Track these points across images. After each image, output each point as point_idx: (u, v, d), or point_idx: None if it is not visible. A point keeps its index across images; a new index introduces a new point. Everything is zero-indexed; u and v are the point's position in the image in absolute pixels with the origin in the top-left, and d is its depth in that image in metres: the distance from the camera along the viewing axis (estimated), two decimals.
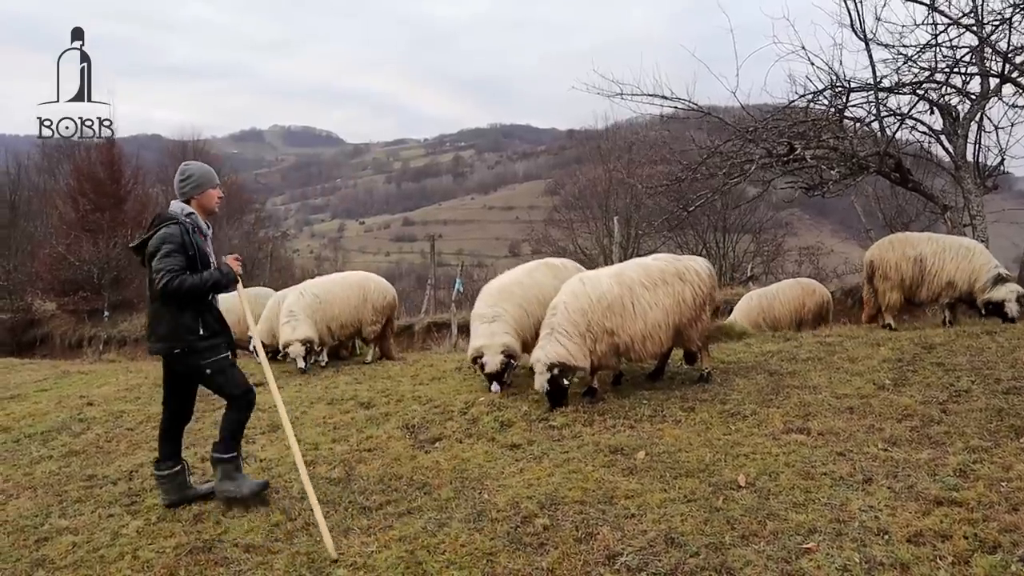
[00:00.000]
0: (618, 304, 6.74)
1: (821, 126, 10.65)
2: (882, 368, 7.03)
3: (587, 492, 4.81)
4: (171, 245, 5.13)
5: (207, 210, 5.47)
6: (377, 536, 4.55)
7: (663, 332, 6.86)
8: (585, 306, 6.70)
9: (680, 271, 7.07)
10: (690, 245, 24.58)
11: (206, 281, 5.16)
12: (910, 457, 4.91)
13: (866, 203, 21.74)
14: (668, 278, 6.97)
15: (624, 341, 6.73)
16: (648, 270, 7.01)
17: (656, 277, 6.94)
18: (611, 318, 6.69)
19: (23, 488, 6.21)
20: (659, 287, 6.90)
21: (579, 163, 42.72)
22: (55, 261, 24.71)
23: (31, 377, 12.53)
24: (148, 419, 7.96)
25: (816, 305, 11.84)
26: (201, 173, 5.47)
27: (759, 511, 4.31)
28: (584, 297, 6.75)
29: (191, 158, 36.57)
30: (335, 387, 8.53)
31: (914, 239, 9.63)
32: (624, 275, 6.95)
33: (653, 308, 6.80)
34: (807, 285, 12.27)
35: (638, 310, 6.76)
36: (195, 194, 5.40)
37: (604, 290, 6.77)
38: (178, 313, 5.18)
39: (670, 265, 7.11)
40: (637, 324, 6.73)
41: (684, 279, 7.03)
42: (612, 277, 6.93)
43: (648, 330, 6.77)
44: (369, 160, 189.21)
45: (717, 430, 5.80)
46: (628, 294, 6.78)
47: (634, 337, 6.74)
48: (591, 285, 6.86)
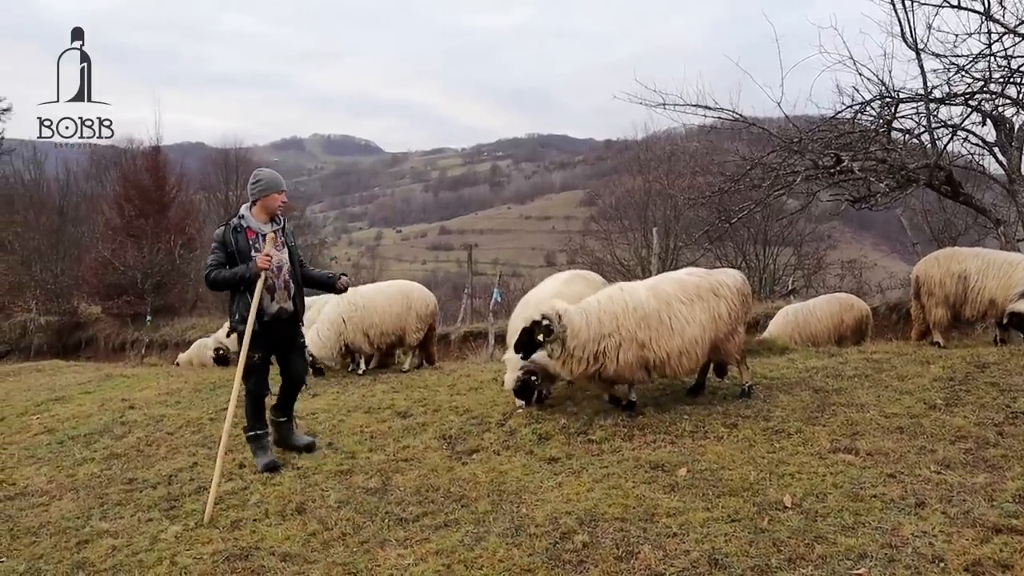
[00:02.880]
0: (654, 318, 6.59)
1: (869, 137, 10.43)
2: (933, 387, 6.81)
3: (627, 509, 4.71)
4: (215, 243, 6.17)
5: (270, 211, 6.25)
6: (414, 548, 4.50)
7: (700, 348, 6.71)
8: (619, 311, 6.57)
9: (715, 286, 6.91)
10: (729, 257, 24.28)
11: (234, 275, 6.03)
12: (965, 481, 4.73)
13: (912, 216, 21.31)
14: (704, 293, 6.82)
15: (659, 356, 6.57)
16: (684, 285, 6.87)
17: (692, 292, 6.79)
18: (644, 330, 6.55)
19: (66, 489, 6.30)
20: (695, 302, 6.75)
21: (616, 173, 42.59)
22: (101, 266, 25.16)
23: (75, 379, 12.74)
24: (188, 423, 8.01)
25: (855, 321, 11.54)
26: (268, 179, 6.27)
27: (806, 533, 4.18)
28: (620, 302, 6.63)
29: (233, 166, 37.67)
30: (372, 396, 8.51)
31: (960, 255, 9.35)
32: (660, 289, 6.81)
33: (690, 324, 6.65)
34: (845, 300, 11.97)
35: (675, 326, 6.61)
36: (260, 197, 6.20)
37: (641, 300, 6.64)
38: (230, 302, 6.26)
39: (705, 280, 6.95)
40: (674, 340, 6.58)
41: (719, 294, 6.88)
42: (649, 290, 6.79)
43: (685, 346, 6.61)
44: (407, 169, 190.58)
45: (761, 448, 5.65)
46: (665, 308, 6.64)
47: (671, 353, 6.58)
48: (629, 293, 6.74)
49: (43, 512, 5.79)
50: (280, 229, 6.31)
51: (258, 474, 6.07)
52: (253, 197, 6.22)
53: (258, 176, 6.33)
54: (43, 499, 6.11)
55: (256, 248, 6.10)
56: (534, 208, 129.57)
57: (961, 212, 18.49)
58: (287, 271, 6.31)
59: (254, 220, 6.20)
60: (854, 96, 10.46)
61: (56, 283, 27.46)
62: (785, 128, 11.07)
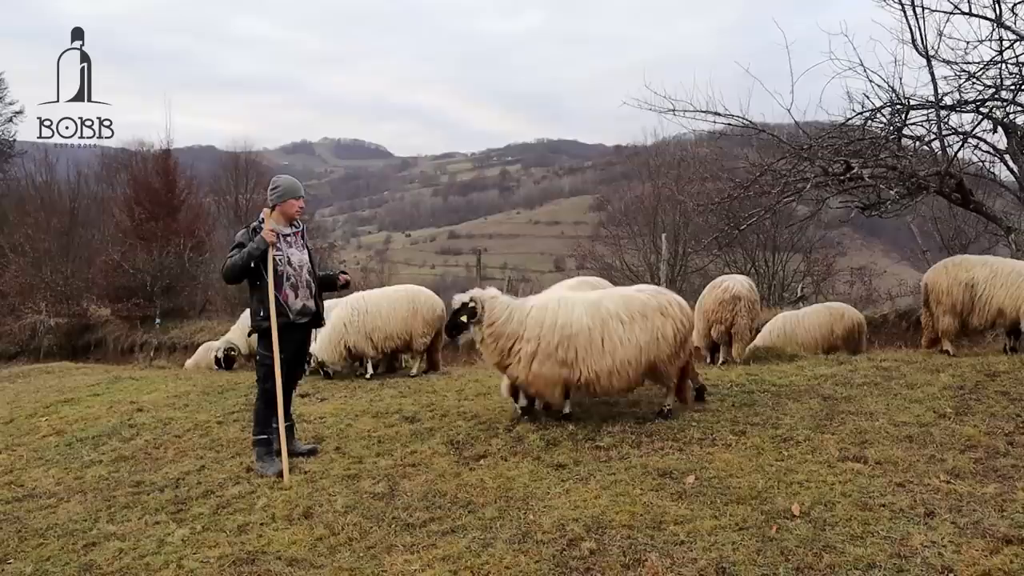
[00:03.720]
0: (583, 337, 6.49)
1: (879, 144, 10.38)
2: (942, 395, 6.77)
3: (635, 516, 4.69)
4: (233, 242, 6.39)
5: (288, 216, 6.46)
6: (420, 554, 4.49)
7: (633, 369, 6.56)
8: (547, 322, 6.55)
9: (663, 305, 6.72)
10: (739, 263, 24.21)
11: (244, 254, 6.19)
12: (975, 491, 4.70)
13: (923, 223, 21.22)
14: (649, 312, 6.64)
15: (586, 376, 6.49)
16: (628, 302, 6.71)
17: (636, 310, 6.64)
18: (567, 349, 6.46)
19: (74, 492, 6.32)
20: (636, 321, 6.58)
21: (626, 179, 42.55)
22: (110, 268, 25.24)
23: (84, 381, 12.78)
24: (195, 427, 8.02)
25: (845, 331, 11.45)
26: (286, 186, 6.48)
27: (814, 542, 4.16)
28: (551, 314, 6.59)
29: (244, 170, 37.78)
30: (380, 400, 8.51)
31: (968, 263, 9.31)
32: (601, 306, 6.68)
33: (624, 344, 6.50)
34: (836, 309, 11.88)
35: (607, 346, 6.48)
36: (278, 203, 6.41)
37: (572, 318, 6.55)
38: (251, 300, 6.41)
39: (653, 299, 6.77)
40: (604, 360, 6.47)
41: (666, 314, 6.68)
42: (588, 306, 6.68)
43: (616, 366, 6.49)
44: (417, 173, 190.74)
45: (769, 455, 5.62)
46: (599, 327, 6.51)
47: (600, 373, 6.48)
48: (565, 307, 6.65)
49: (51, 514, 5.81)
50: (300, 232, 6.58)
51: (265, 478, 6.07)
52: (272, 203, 6.42)
53: (276, 183, 6.53)
54: (51, 501, 6.13)
55: (278, 247, 6.31)
56: (543, 213, 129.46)
57: (972, 219, 18.41)
58: (307, 270, 6.50)
59: (275, 223, 6.38)
60: (864, 103, 10.42)
61: (66, 285, 27.51)
62: (795, 134, 11.02)
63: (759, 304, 10.53)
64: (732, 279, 10.40)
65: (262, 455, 6.31)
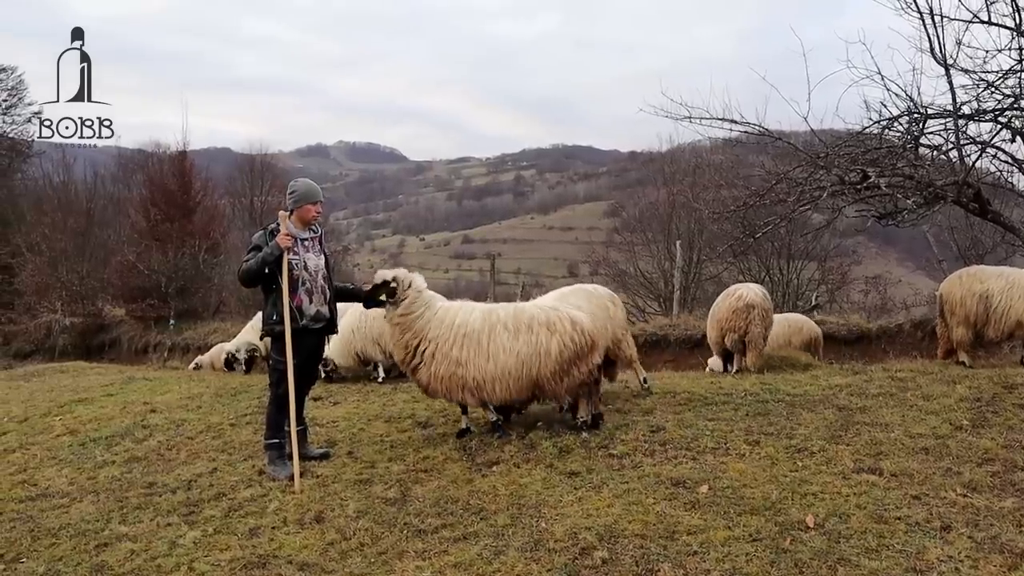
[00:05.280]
0: (473, 339, 6.52)
1: (896, 153, 10.30)
2: (959, 407, 6.71)
3: (648, 525, 4.67)
4: (250, 245, 6.40)
5: (305, 221, 6.46)
6: (432, 561, 4.48)
7: (514, 381, 6.50)
8: (447, 322, 6.59)
9: (551, 321, 6.62)
10: (753, 271, 24.09)
11: (258, 259, 6.19)
12: (992, 505, 4.65)
13: (939, 233, 21.05)
14: (535, 326, 6.57)
15: (476, 378, 6.49)
16: (517, 314, 6.70)
17: (522, 322, 6.60)
18: (460, 348, 6.50)
19: (86, 492, 6.35)
20: (521, 334, 6.54)
21: (640, 185, 42.41)
22: (126, 269, 25.36)
23: (98, 381, 12.85)
24: (208, 428, 8.05)
25: (803, 343, 11.63)
26: (303, 191, 6.48)
27: (829, 555, 4.13)
28: (452, 315, 6.65)
29: (259, 172, 37.91)
30: (393, 405, 8.51)
31: (983, 274, 9.24)
32: (493, 312, 6.75)
33: (506, 353, 6.47)
34: (795, 322, 11.96)
35: (491, 351, 6.48)
36: (295, 207, 6.43)
37: (468, 319, 6.61)
38: (264, 304, 6.41)
39: (542, 314, 6.70)
40: (488, 365, 6.47)
41: (553, 330, 6.57)
42: (485, 311, 6.76)
43: (498, 374, 6.47)
44: (431, 177, 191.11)
45: (783, 466, 5.59)
46: (487, 332, 6.54)
47: (486, 377, 6.48)
48: (466, 310, 6.73)
49: (63, 514, 5.84)
50: (318, 237, 6.58)
51: (277, 481, 6.08)
52: (290, 207, 6.45)
53: (294, 187, 6.54)
54: (64, 501, 6.16)
55: (295, 251, 6.32)
56: (557, 218, 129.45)
57: (989, 229, 18.23)
58: (323, 276, 6.50)
59: (292, 226, 6.39)
60: (882, 111, 10.34)
61: (82, 285, 27.70)
62: (811, 143, 10.96)
63: (772, 313, 10.49)
64: (745, 287, 10.38)
65: (274, 459, 6.32)
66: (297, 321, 6.27)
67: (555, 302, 7.43)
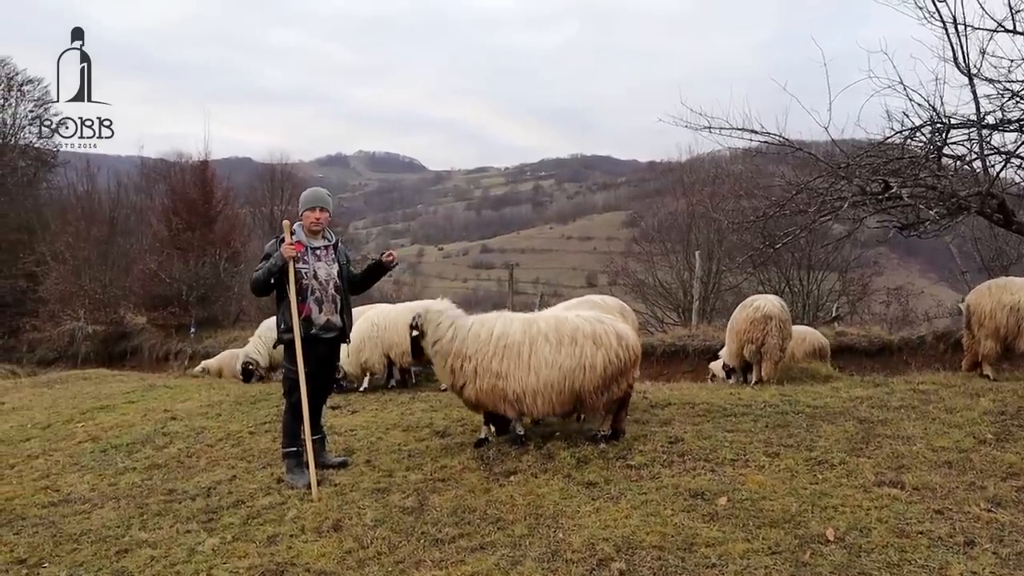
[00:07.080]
0: (514, 350, 6.42)
1: (919, 164, 10.22)
2: (983, 420, 6.63)
3: (666, 537, 4.64)
4: (263, 253, 6.44)
5: (305, 228, 6.54)
6: (449, 570, 4.48)
7: (556, 394, 6.40)
8: (484, 336, 6.54)
9: (597, 334, 6.50)
10: (773, 282, 23.94)
11: (266, 268, 6.27)
12: (1017, 520, 4.58)
13: (962, 244, 20.83)
14: (579, 338, 6.45)
15: (516, 391, 6.40)
16: (560, 325, 6.57)
17: (565, 334, 6.48)
18: (500, 360, 6.41)
19: (108, 498, 6.39)
20: (564, 346, 6.42)
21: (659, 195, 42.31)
22: (147, 277, 25.56)
23: (120, 388, 12.97)
24: (228, 436, 8.09)
25: (805, 354, 11.43)
26: (303, 197, 6.63)
27: (849, 569, 4.09)
28: (488, 329, 6.58)
29: (279, 181, 38.16)
30: (411, 414, 8.53)
31: (1013, 285, 9.13)
32: (535, 324, 6.61)
33: (548, 366, 6.36)
34: (798, 333, 11.81)
35: (533, 363, 6.38)
36: (301, 214, 6.55)
37: (508, 330, 6.54)
38: (277, 312, 6.49)
39: (588, 325, 6.57)
40: (529, 378, 6.37)
41: (599, 343, 6.45)
42: (525, 322, 6.65)
43: (540, 387, 6.37)
44: (450, 187, 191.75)
45: (803, 478, 5.54)
46: (528, 344, 6.43)
47: (526, 390, 6.38)
48: (503, 320, 6.66)
49: (85, 520, 5.89)
50: (332, 245, 6.62)
51: (295, 489, 6.10)
52: (299, 215, 6.61)
53: (302, 195, 6.70)
54: (85, 507, 6.21)
55: (304, 260, 6.38)
56: (576, 228, 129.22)
57: (1013, 240, 18.03)
58: (334, 285, 6.50)
59: (304, 235, 6.49)
60: (904, 121, 10.26)
61: (104, 293, 27.93)
62: (832, 152, 10.89)
63: (791, 324, 10.43)
64: (763, 298, 10.34)
65: (292, 467, 6.35)
66: (306, 330, 6.31)
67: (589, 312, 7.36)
